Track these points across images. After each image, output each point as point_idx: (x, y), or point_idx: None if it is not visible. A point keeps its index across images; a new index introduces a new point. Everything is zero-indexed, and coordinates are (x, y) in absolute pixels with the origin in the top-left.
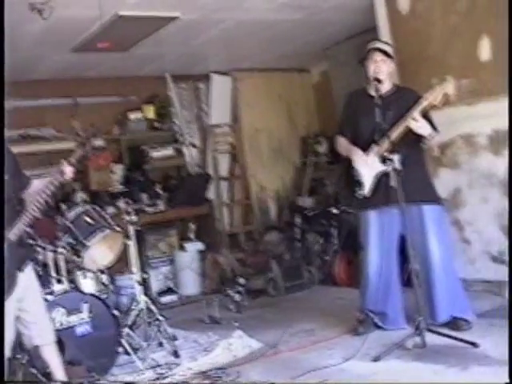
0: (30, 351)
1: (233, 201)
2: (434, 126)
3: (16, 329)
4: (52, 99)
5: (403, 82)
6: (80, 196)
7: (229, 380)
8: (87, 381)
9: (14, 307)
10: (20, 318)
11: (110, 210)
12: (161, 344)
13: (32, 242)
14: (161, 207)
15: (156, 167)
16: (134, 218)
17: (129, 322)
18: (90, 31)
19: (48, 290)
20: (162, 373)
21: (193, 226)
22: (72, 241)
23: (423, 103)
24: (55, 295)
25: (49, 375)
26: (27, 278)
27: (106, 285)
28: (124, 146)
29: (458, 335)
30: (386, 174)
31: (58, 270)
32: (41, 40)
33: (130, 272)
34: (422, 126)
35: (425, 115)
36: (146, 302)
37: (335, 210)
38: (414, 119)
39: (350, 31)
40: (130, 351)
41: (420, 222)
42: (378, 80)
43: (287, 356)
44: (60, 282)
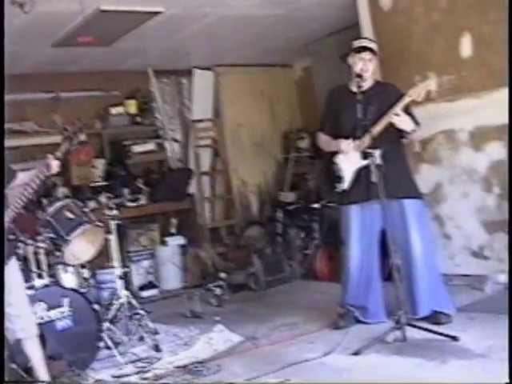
0: (11, 346)
1: (214, 195)
2: (415, 121)
3: None
4: (33, 94)
5: (385, 78)
6: (61, 191)
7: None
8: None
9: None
10: (4, 312)
11: (92, 204)
12: (142, 338)
13: (12, 236)
14: (142, 202)
15: (138, 162)
16: (115, 212)
17: (109, 316)
18: (71, 25)
19: (29, 285)
20: (143, 367)
21: (174, 221)
22: (53, 235)
23: (406, 99)
24: (36, 290)
25: (29, 370)
26: (12, 271)
27: (86, 279)
28: (106, 140)
29: (438, 329)
30: (367, 169)
31: (38, 265)
32: (22, 34)
33: (111, 266)
34: (404, 121)
35: (406, 110)
36: (127, 297)
37: (317, 205)
38: (397, 115)
39: (332, 27)
40: (111, 345)
41: (401, 216)
42: (360, 76)
43: (268, 350)
44: (41, 276)
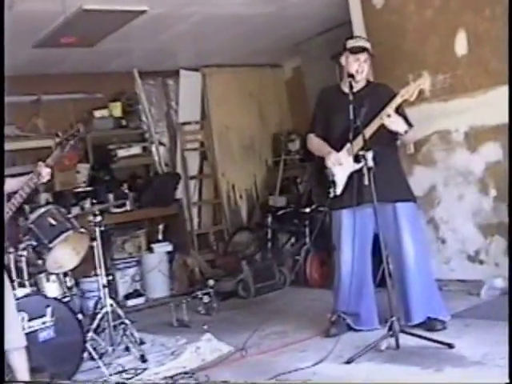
0: None
1: (202, 200)
2: (408, 122)
3: None
4: (14, 97)
5: (377, 78)
6: (44, 197)
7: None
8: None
9: None
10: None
11: (75, 210)
12: (127, 348)
13: None
14: (128, 207)
15: (123, 166)
16: (99, 218)
17: (94, 326)
18: (53, 26)
19: None
20: (129, 378)
21: (161, 227)
22: (35, 243)
23: (398, 100)
24: (17, 299)
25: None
26: None
27: (70, 288)
28: (90, 144)
29: (432, 336)
30: (360, 172)
31: (20, 274)
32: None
33: (96, 274)
34: (396, 122)
35: (398, 110)
36: (112, 305)
37: (307, 210)
38: (389, 116)
39: (323, 25)
40: (95, 356)
41: (394, 220)
42: (352, 76)
43: (258, 359)
44: (22, 285)
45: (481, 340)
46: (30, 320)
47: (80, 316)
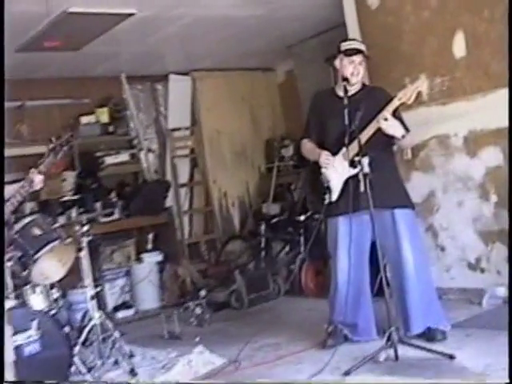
0: None
1: (193, 208)
2: (405, 127)
3: None
4: None
5: (373, 81)
6: (29, 206)
7: None
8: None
9: None
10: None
11: (62, 220)
12: (116, 362)
13: None
14: (116, 216)
15: (110, 174)
16: (86, 228)
17: (81, 339)
18: (37, 29)
19: None
20: None
21: (150, 236)
22: (19, 254)
23: (396, 103)
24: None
25: None
26: None
27: (56, 300)
28: (76, 151)
29: (432, 347)
30: (355, 178)
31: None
32: None
33: (83, 286)
34: (393, 126)
35: (395, 114)
36: (101, 318)
37: (302, 217)
38: (386, 119)
39: (316, 27)
40: (83, 371)
41: (392, 227)
42: (347, 79)
43: (252, 372)
44: (6, 297)
45: (482, 351)
46: (14, 334)
47: (67, 329)
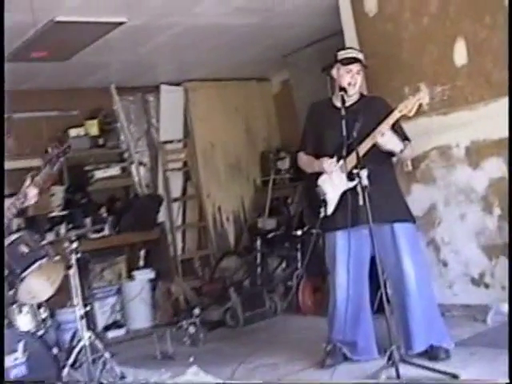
0: None
1: (186, 223)
2: (405, 137)
3: None
4: None
5: (372, 90)
6: (16, 222)
7: None
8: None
9: None
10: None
11: (50, 236)
12: None
13: None
14: (106, 232)
15: (100, 188)
16: (75, 244)
17: (70, 361)
18: (23, 39)
19: None
20: None
21: (142, 253)
22: (6, 272)
23: (396, 115)
24: None
25: None
26: None
27: (44, 320)
28: (65, 165)
29: (435, 366)
30: (354, 191)
31: None
32: None
33: (72, 305)
34: (391, 142)
35: (394, 126)
36: (90, 338)
37: (299, 232)
38: (383, 135)
39: (312, 36)
40: None
41: (392, 242)
42: (344, 89)
43: None
44: None
45: (488, 370)
46: None
47: (55, 350)
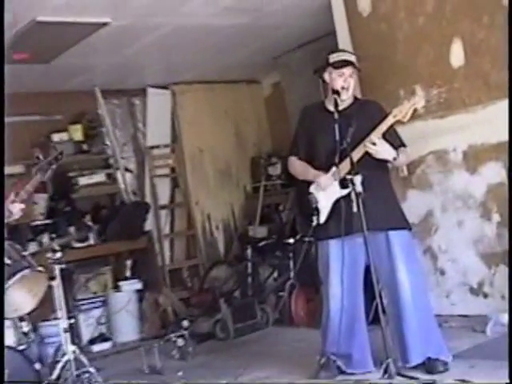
0: None
1: (174, 232)
2: (401, 142)
3: None
4: None
5: (365, 94)
6: None
7: None
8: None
9: None
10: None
11: (32, 246)
12: None
13: None
14: (91, 242)
15: (85, 196)
16: (59, 255)
17: (54, 376)
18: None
19: None
20: None
21: (129, 262)
22: None
23: (390, 120)
24: None
25: None
26: None
27: (26, 334)
28: None
29: (433, 379)
30: (348, 198)
31: None
32: None
33: (56, 318)
34: (382, 151)
35: (388, 131)
36: (75, 352)
37: (291, 240)
38: (374, 144)
39: (303, 37)
40: None
41: (387, 250)
42: (337, 93)
43: None
44: None
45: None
46: None
47: (38, 366)
